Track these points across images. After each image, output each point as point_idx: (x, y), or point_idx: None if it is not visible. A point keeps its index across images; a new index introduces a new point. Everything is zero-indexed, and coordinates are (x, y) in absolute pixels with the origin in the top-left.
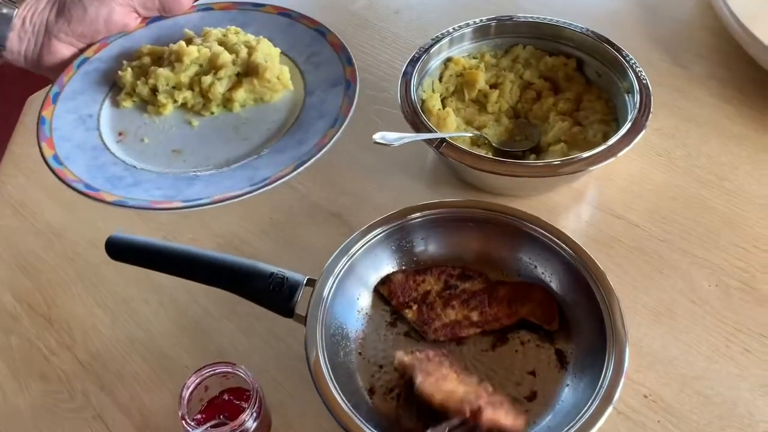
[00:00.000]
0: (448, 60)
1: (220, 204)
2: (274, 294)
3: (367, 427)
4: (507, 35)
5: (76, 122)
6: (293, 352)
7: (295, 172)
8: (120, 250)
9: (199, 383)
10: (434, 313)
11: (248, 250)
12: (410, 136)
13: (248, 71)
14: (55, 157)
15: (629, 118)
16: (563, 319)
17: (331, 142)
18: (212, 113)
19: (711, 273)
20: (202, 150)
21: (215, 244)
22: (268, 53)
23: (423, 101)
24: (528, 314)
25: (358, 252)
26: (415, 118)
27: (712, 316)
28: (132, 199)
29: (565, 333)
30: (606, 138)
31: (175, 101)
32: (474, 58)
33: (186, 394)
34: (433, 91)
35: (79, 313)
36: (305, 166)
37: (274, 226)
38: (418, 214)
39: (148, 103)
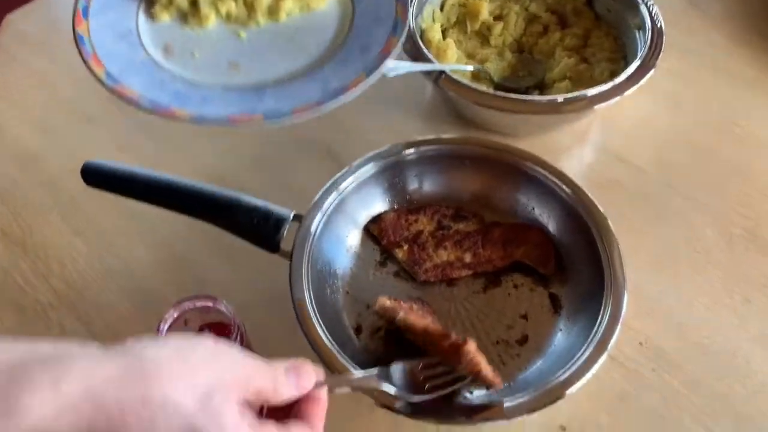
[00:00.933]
0: None
1: (300, 116)
2: (259, 228)
3: (352, 366)
4: None
5: (115, 38)
6: (279, 288)
7: (367, 80)
8: (96, 176)
9: (177, 317)
10: (425, 254)
11: (234, 185)
12: (406, 66)
13: None
14: (108, 75)
15: (638, 56)
16: (559, 262)
17: (396, 49)
18: (258, 24)
19: (715, 221)
20: (259, 63)
21: (199, 178)
22: None
23: (422, 31)
24: (523, 257)
25: (349, 188)
26: (413, 48)
27: (714, 265)
28: (209, 116)
29: (560, 277)
30: (613, 76)
31: (218, 12)
32: None
33: (164, 328)
34: (433, 20)
35: (55, 241)
36: (375, 73)
37: (262, 160)
38: (412, 150)
39: (188, 15)
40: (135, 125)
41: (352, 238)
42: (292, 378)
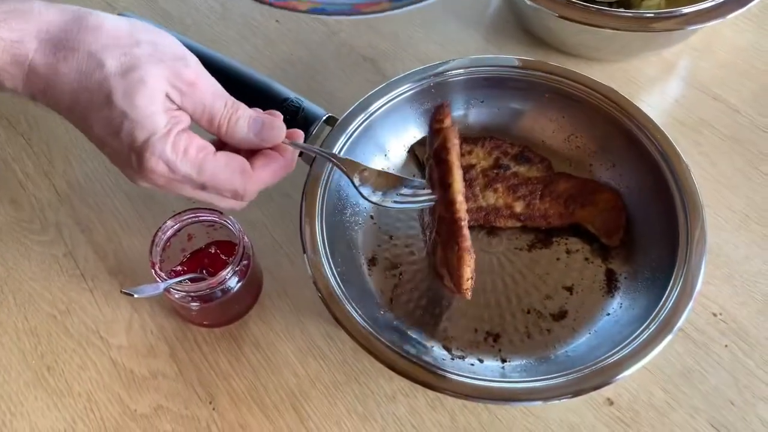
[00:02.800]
0: None
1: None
2: (285, 121)
3: (354, 309)
4: None
5: None
6: (295, 205)
7: None
8: None
9: (179, 229)
10: (471, 192)
11: None
12: None
13: None
14: None
15: None
16: (627, 235)
17: None
18: None
19: None
20: None
21: None
22: None
23: None
24: (585, 220)
25: (400, 98)
26: None
27: None
28: (331, 4)
29: (624, 252)
30: None
31: None
32: None
33: (160, 239)
34: None
35: (61, 137)
36: None
37: (294, 63)
38: (484, 68)
39: None
40: (160, 15)
41: (393, 155)
42: (256, 124)
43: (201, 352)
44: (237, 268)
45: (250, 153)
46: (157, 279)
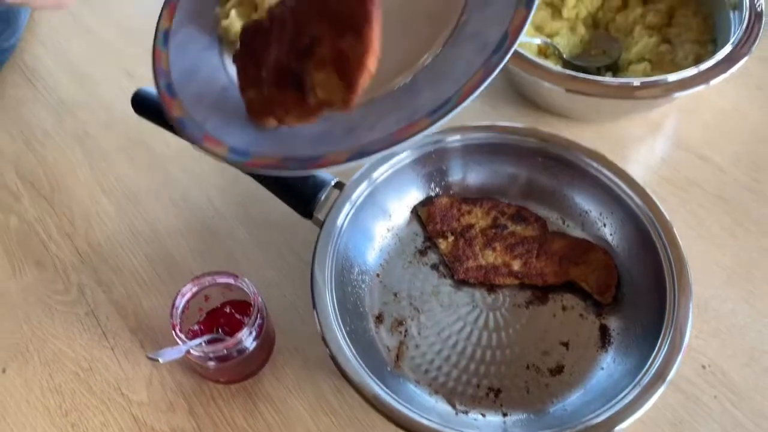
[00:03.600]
0: None
1: (401, 144)
2: (297, 188)
3: (362, 366)
4: None
5: (217, 104)
6: (308, 269)
7: (531, 11)
8: (146, 105)
9: (197, 292)
10: (471, 251)
11: None
12: None
13: None
14: (234, 151)
15: (731, 39)
16: (619, 293)
17: (527, 24)
18: None
19: None
20: None
21: None
22: None
23: None
24: (579, 278)
25: (403, 163)
26: None
27: None
28: (370, 144)
29: (617, 308)
30: (698, 62)
31: None
32: None
33: (180, 302)
34: None
35: (83, 199)
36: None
37: None
38: (481, 134)
39: None
40: None
41: (397, 217)
42: None
43: (217, 407)
44: (252, 329)
45: None
46: (179, 341)
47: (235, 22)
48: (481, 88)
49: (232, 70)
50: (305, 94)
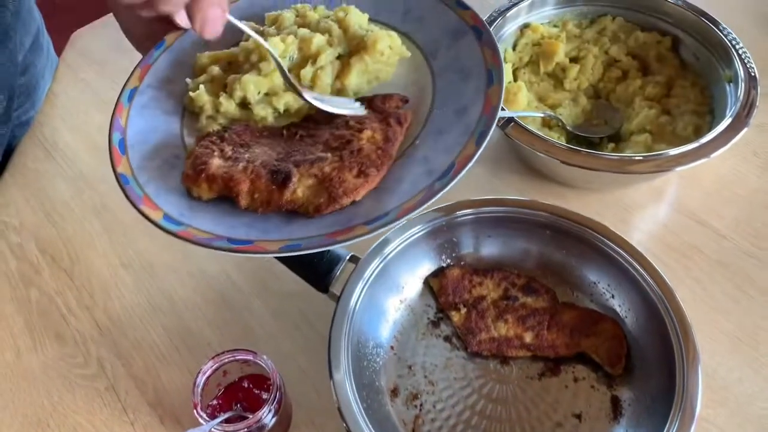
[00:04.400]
0: (526, 26)
1: (408, 213)
2: (313, 263)
3: None
4: (596, 2)
5: (163, 169)
6: (324, 340)
7: (480, 148)
8: None
9: (216, 369)
10: (483, 323)
11: None
12: None
13: (353, 49)
14: (168, 218)
15: (729, 112)
16: (629, 363)
17: (474, 159)
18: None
19: None
20: None
21: None
22: (361, 22)
23: None
24: (590, 349)
25: (415, 236)
26: None
27: None
28: (302, 239)
29: (627, 379)
30: (698, 132)
31: (275, 109)
32: (555, 26)
33: (201, 380)
34: (504, 60)
35: (102, 271)
36: (488, 138)
37: None
38: (492, 208)
39: (240, 121)
40: None
41: (409, 289)
42: None
43: None
44: (272, 407)
45: None
46: (201, 421)
47: (202, 95)
48: (420, 209)
49: (189, 140)
50: (285, 187)
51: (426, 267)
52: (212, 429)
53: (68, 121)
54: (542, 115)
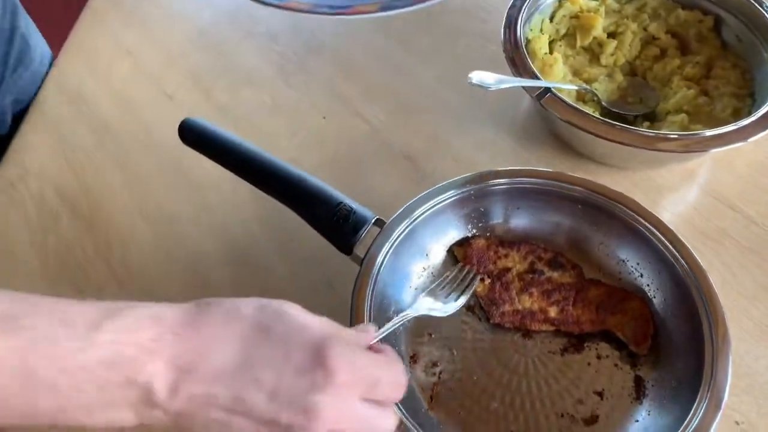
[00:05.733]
0: None
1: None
2: (337, 225)
3: (398, 406)
4: None
5: None
6: (343, 302)
7: None
8: (193, 134)
9: None
10: (507, 295)
11: None
12: (512, 81)
13: None
14: None
15: None
16: (655, 344)
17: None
18: None
19: None
20: None
21: None
22: None
23: (528, 41)
24: (616, 327)
25: (443, 203)
26: (517, 59)
27: None
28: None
29: (653, 359)
30: (736, 115)
31: None
32: None
33: None
34: (541, 31)
35: (121, 222)
36: None
37: (339, 159)
38: (527, 179)
39: None
40: (215, 107)
41: (434, 256)
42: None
43: None
44: None
45: None
46: None
47: None
48: None
49: None
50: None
51: (452, 235)
52: None
53: (92, 69)
54: (577, 88)
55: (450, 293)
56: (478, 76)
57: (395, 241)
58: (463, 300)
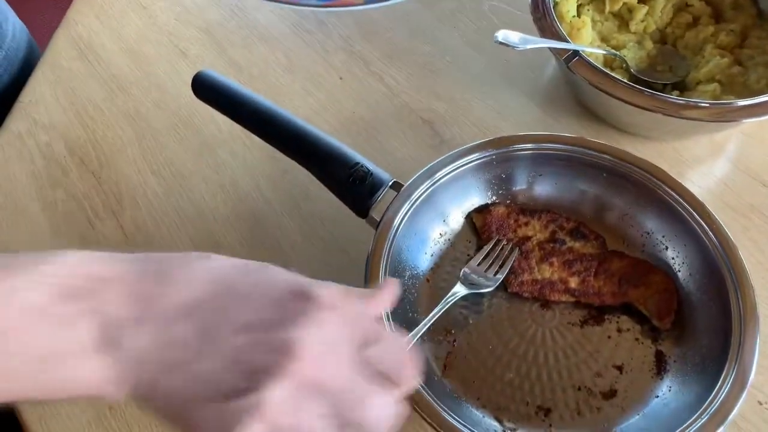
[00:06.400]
0: None
1: None
2: (353, 186)
3: None
4: None
5: None
6: (355, 265)
7: None
8: (207, 88)
9: None
10: (527, 264)
11: None
12: (540, 41)
13: None
14: None
15: None
16: (679, 318)
17: None
18: None
19: None
20: None
21: None
22: None
23: (555, 4)
24: (638, 300)
25: (466, 166)
26: (545, 21)
27: None
28: None
29: (675, 335)
30: None
31: None
32: None
33: None
34: None
35: (131, 177)
36: None
37: (356, 121)
38: (553, 145)
39: None
40: (228, 65)
41: (452, 221)
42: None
43: None
44: None
45: None
46: None
47: None
48: None
49: None
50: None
51: (472, 201)
52: None
53: (105, 23)
54: (606, 52)
55: (488, 268)
56: (504, 35)
57: (414, 203)
58: (502, 274)
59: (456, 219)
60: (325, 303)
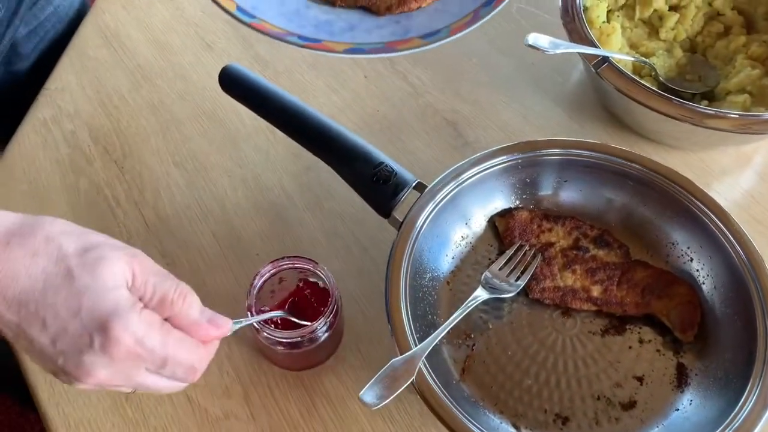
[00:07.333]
0: None
1: (458, 33)
2: (377, 185)
3: (430, 375)
4: None
5: None
6: (376, 265)
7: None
8: (234, 81)
9: (274, 274)
10: (549, 271)
11: None
12: (570, 46)
13: None
14: (241, 9)
15: None
16: (702, 331)
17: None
18: None
19: None
20: None
21: None
22: None
23: (585, 9)
24: (661, 312)
25: (491, 169)
26: (574, 26)
27: None
28: (365, 45)
29: (698, 348)
30: None
31: None
32: None
33: (258, 283)
34: None
35: (154, 168)
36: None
37: (380, 120)
38: (582, 152)
39: None
40: (254, 59)
41: (474, 225)
42: (207, 311)
43: (274, 398)
44: (328, 320)
45: None
46: (256, 326)
47: None
48: (467, 30)
49: None
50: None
51: (495, 204)
52: (264, 331)
53: (131, 12)
54: (635, 59)
55: (510, 273)
56: (534, 38)
57: (437, 205)
58: (524, 280)
59: (478, 222)
60: (120, 349)
